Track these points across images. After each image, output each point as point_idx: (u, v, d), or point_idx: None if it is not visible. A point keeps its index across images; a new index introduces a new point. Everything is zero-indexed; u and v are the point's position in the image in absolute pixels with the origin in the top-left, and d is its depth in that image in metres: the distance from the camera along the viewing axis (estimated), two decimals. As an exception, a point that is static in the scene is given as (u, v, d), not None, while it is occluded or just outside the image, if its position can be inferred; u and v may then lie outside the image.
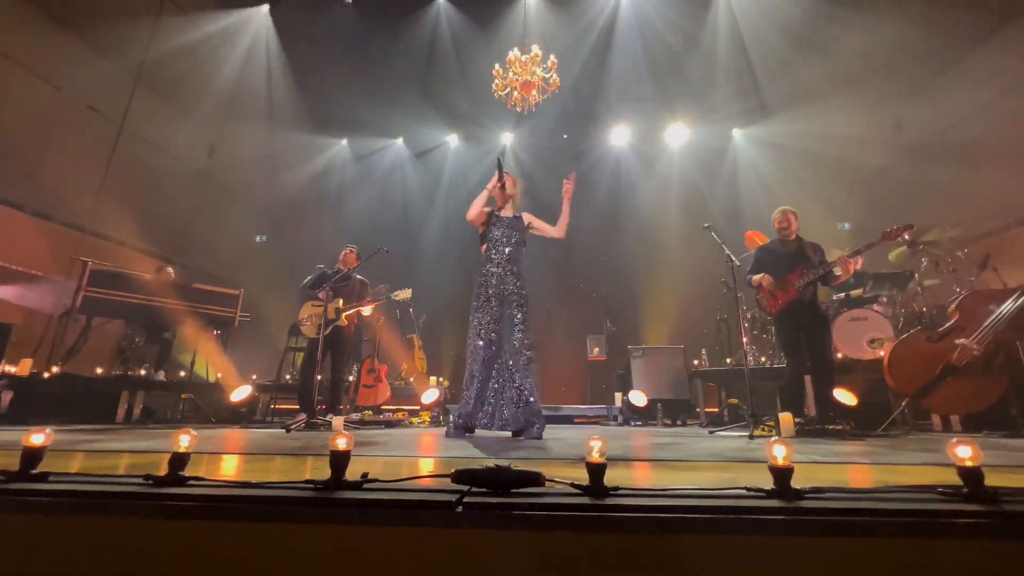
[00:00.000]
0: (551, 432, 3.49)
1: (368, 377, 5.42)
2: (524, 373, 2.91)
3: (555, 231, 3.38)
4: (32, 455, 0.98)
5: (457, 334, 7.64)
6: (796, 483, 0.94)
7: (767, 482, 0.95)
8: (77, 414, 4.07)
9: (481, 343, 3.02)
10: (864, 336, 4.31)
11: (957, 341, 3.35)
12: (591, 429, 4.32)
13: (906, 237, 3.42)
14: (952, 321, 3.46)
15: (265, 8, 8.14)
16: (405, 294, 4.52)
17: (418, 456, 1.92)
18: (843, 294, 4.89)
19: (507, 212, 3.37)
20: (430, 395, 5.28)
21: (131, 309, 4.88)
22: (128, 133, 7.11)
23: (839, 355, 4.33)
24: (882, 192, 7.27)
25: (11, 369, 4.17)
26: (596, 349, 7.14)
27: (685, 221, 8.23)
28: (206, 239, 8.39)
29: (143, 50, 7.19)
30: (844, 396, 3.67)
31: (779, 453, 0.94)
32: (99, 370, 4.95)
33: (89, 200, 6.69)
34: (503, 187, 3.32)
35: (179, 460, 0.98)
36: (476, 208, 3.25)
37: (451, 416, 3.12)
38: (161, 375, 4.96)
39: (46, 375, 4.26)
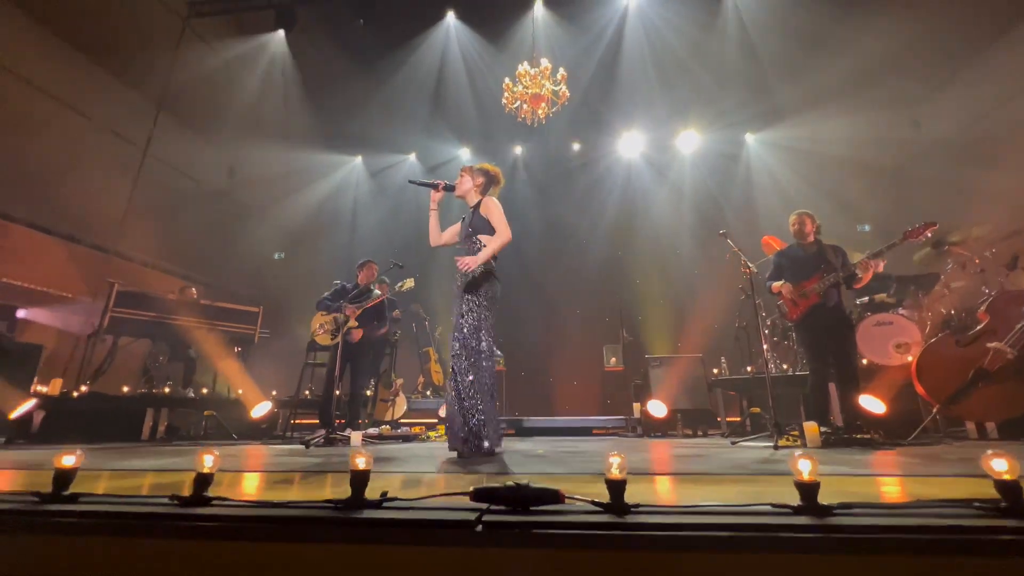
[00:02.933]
0: (569, 445, 3.46)
1: (385, 391, 5.44)
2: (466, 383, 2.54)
3: (492, 249, 2.81)
4: (63, 477, 1.01)
5: (473, 346, 7.62)
6: (824, 498, 0.92)
7: (794, 496, 0.93)
8: (105, 432, 4.16)
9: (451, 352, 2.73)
10: (890, 341, 4.19)
11: (989, 345, 3.23)
12: (609, 440, 4.26)
13: (929, 236, 3.32)
14: (983, 324, 3.35)
15: (281, 33, 8.40)
16: (408, 284, 4.48)
17: (436, 473, 1.92)
18: (866, 298, 4.77)
19: (470, 205, 3.03)
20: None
21: (156, 328, 5.01)
22: (151, 157, 7.36)
23: (864, 361, 4.21)
24: (903, 192, 7.13)
25: (42, 389, 4.30)
26: (613, 359, 7.08)
27: (700, 228, 8.15)
28: (226, 258, 8.59)
29: (165, 78, 7.47)
30: (872, 403, 3.56)
31: (805, 468, 0.92)
32: (125, 389, 5.07)
33: (115, 223, 6.92)
34: (448, 188, 3.04)
35: (203, 480, 1.00)
36: (432, 233, 3.08)
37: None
38: (189, 392, 5.06)
39: (75, 394, 4.37)
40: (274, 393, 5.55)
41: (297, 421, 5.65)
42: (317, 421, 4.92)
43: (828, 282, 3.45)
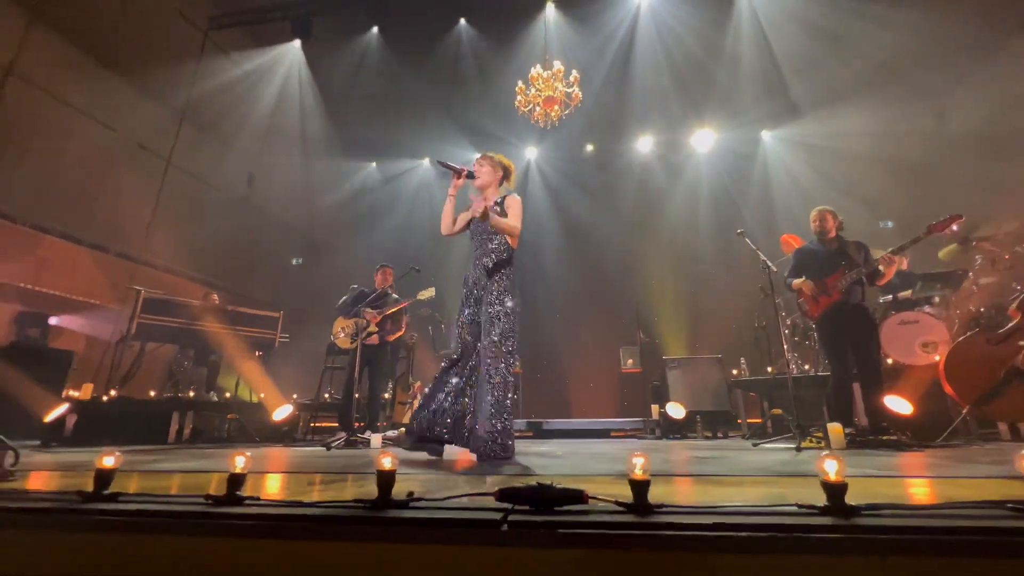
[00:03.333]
0: (588, 447, 3.45)
1: (403, 394, 5.50)
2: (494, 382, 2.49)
3: (501, 224, 2.73)
4: (104, 476, 1.05)
5: (488, 349, 7.65)
6: (850, 499, 0.91)
7: (819, 498, 0.92)
8: (133, 435, 4.27)
9: (456, 347, 2.69)
10: (916, 340, 4.09)
11: (1022, 343, 3.14)
12: (628, 443, 4.24)
13: (955, 229, 3.24)
14: (1015, 321, 3.25)
15: (297, 43, 8.57)
16: (428, 293, 4.54)
17: (458, 474, 1.94)
18: (890, 296, 4.66)
19: (489, 200, 2.88)
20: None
21: (181, 334, 5.14)
22: (174, 167, 7.57)
23: (889, 361, 4.12)
24: (926, 187, 6.94)
25: (74, 394, 4.44)
26: (630, 361, 7.03)
27: (716, 228, 8.07)
28: (246, 264, 8.78)
29: (187, 90, 7.68)
30: (898, 404, 3.48)
31: (831, 468, 0.91)
32: (152, 393, 5.21)
33: (140, 231, 7.14)
34: (470, 176, 2.89)
35: (236, 480, 1.03)
36: (445, 220, 2.90)
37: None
38: (212, 396, 5.18)
39: (105, 399, 4.51)
40: (295, 396, 5.65)
41: (317, 424, 5.74)
42: (337, 424, 5.00)
43: (850, 278, 3.38)
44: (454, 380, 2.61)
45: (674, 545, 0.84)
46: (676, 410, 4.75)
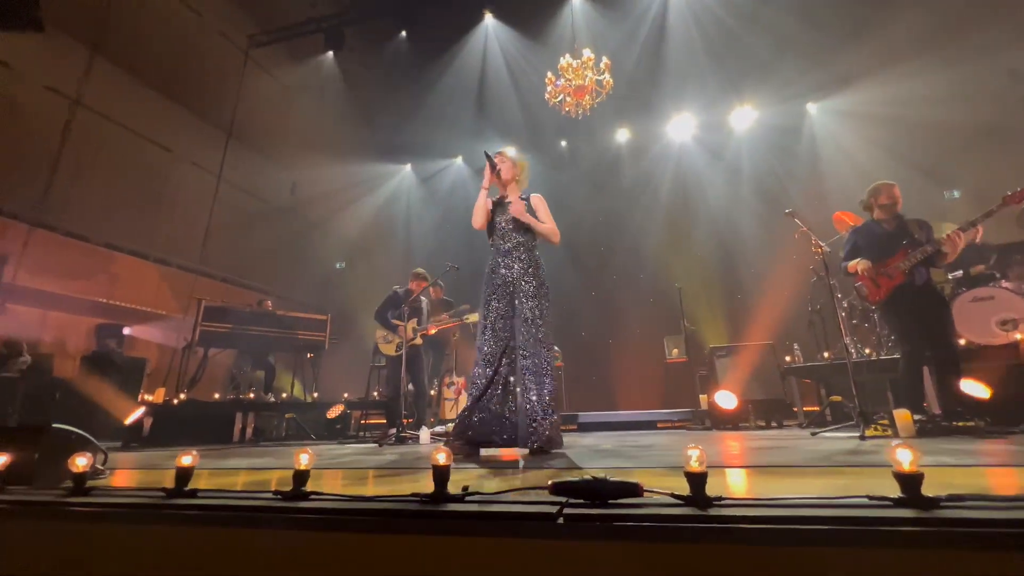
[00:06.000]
0: (635, 439, 3.40)
1: (448, 390, 5.60)
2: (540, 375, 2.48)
3: (542, 229, 2.78)
4: (184, 474, 1.13)
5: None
6: (926, 490, 0.85)
7: (889, 489, 0.87)
8: (201, 435, 4.57)
9: (487, 344, 2.63)
10: (992, 318, 3.77)
11: (1118, 317, 2.83)
12: (677, 434, 4.14)
13: (1035, 199, 2.94)
14: (1108, 294, 2.94)
15: (331, 54, 8.84)
16: (473, 318, 4.64)
17: (509, 468, 1.96)
18: (960, 272, 4.32)
19: (510, 197, 2.91)
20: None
21: (239, 339, 5.44)
22: (224, 182, 8.01)
23: (962, 341, 3.82)
24: (998, 152, 6.36)
25: (149, 398, 4.81)
26: (675, 350, 6.86)
27: (761, 209, 7.71)
28: (293, 270, 9.19)
29: (232, 107, 8.10)
30: (975, 388, 3.22)
31: (905, 458, 0.86)
32: (216, 395, 5.55)
33: (197, 244, 7.60)
34: (499, 174, 2.91)
35: (302, 476, 1.09)
36: (479, 213, 2.87)
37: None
38: (270, 397, 5.47)
39: (175, 402, 4.85)
40: (345, 395, 5.87)
41: (367, 421, 5.95)
42: (384, 421, 5.18)
43: (915, 259, 3.15)
44: (494, 377, 2.58)
45: (737, 538, 0.82)
46: (727, 399, 4.60)
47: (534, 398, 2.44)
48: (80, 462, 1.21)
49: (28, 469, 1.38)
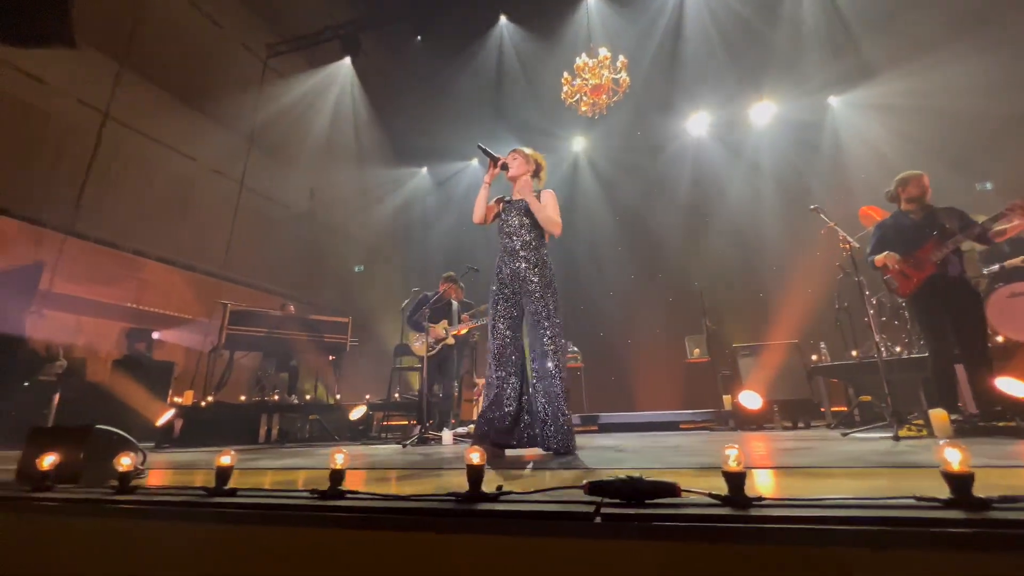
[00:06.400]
0: (659, 440, 3.37)
1: (468, 391, 5.63)
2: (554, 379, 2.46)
3: (542, 213, 2.72)
4: (224, 473, 1.16)
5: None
6: (974, 490, 0.83)
7: (933, 490, 0.85)
8: (229, 436, 4.67)
9: (497, 345, 2.60)
10: (1031, 313, 3.64)
11: None
12: (701, 435, 4.09)
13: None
14: None
15: (347, 60, 8.98)
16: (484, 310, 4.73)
17: (536, 468, 1.96)
18: (996, 266, 4.17)
19: (519, 195, 2.88)
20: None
21: (264, 342, 5.55)
22: (246, 189, 8.19)
23: (999, 338, 3.69)
24: (1033, 141, 6.14)
25: (178, 400, 4.93)
26: (696, 350, 6.77)
27: (783, 205, 7.57)
28: (314, 273, 9.34)
29: (252, 115, 8.28)
30: (1012, 386, 3.10)
31: (954, 457, 0.83)
32: (242, 398, 5.67)
33: (221, 249, 7.78)
34: (504, 168, 2.87)
35: (338, 476, 1.10)
36: (479, 208, 2.82)
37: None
38: (294, 399, 5.56)
39: (203, 404, 4.97)
40: (367, 397, 5.94)
41: (389, 423, 6.01)
42: (406, 422, 5.23)
43: (947, 248, 3.05)
44: (507, 378, 2.56)
45: (779, 539, 0.81)
46: (752, 400, 4.52)
47: (546, 398, 2.43)
48: (125, 461, 1.25)
49: (75, 468, 1.43)
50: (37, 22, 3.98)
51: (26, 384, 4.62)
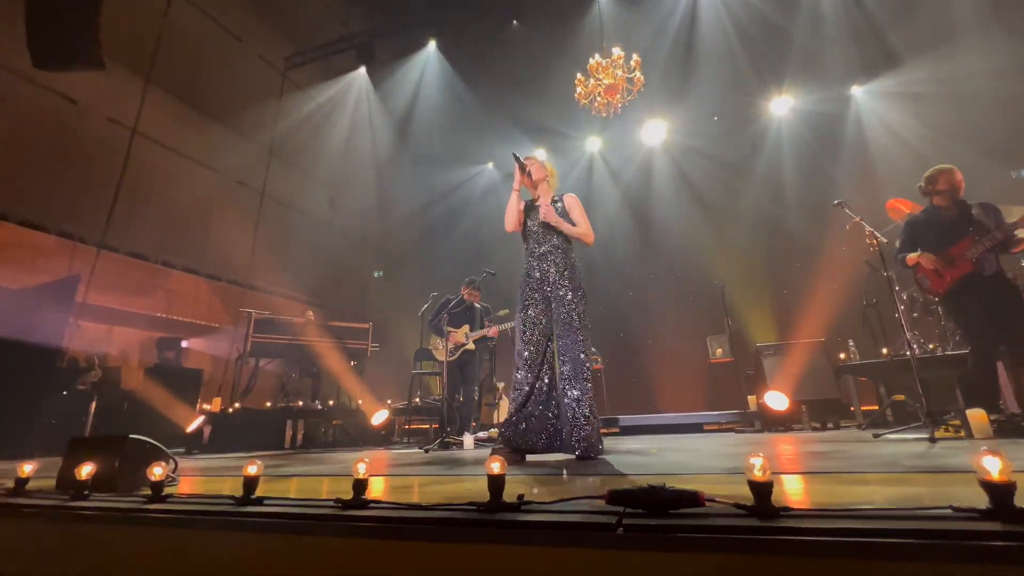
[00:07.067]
0: (682, 443, 3.32)
1: (488, 396, 5.64)
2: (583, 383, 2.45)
3: (574, 232, 2.72)
4: (251, 483, 1.19)
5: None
6: (1018, 500, 0.79)
7: (972, 497, 0.81)
8: (255, 442, 4.79)
9: (527, 349, 2.59)
10: (1075, 307, 3.46)
11: None
12: (725, 437, 4.01)
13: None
14: None
15: (363, 69, 9.13)
16: (504, 313, 4.76)
17: (558, 475, 1.95)
18: (1035, 259, 3.99)
19: (541, 200, 2.89)
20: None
21: (287, 349, 5.67)
22: (268, 198, 8.38)
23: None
24: (1072, 126, 5.86)
25: (207, 407, 5.07)
26: (719, 350, 6.65)
27: (806, 200, 7.39)
28: (334, 280, 9.50)
29: (272, 126, 8.48)
30: (1056, 384, 2.97)
31: (993, 466, 0.80)
32: (268, 404, 5.79)
33: (244, 259, 7.98)
34: (529, 175, 2.89)
35: (360, 485, 1.12)
36: (511, 215, 2.82)
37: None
38: (317, 404, 5.66)
39: (230, 410, 5.09)
40: (388, 402, 6.01)
41: (410, 427, 6.06)
42: (428, 427, 5.27)
43: (984, 246, 2.93)
44: (536, 383, 2.56)
45: (807, 551, 0.79)
46: (778, 400, 4.41)
47: (575, 403, 2.42)
48: (157, 471, 1.29)
49: (111, 477, 1.49)
50: (69, 46, 4.15)
51: (64, 393, 4.82)
